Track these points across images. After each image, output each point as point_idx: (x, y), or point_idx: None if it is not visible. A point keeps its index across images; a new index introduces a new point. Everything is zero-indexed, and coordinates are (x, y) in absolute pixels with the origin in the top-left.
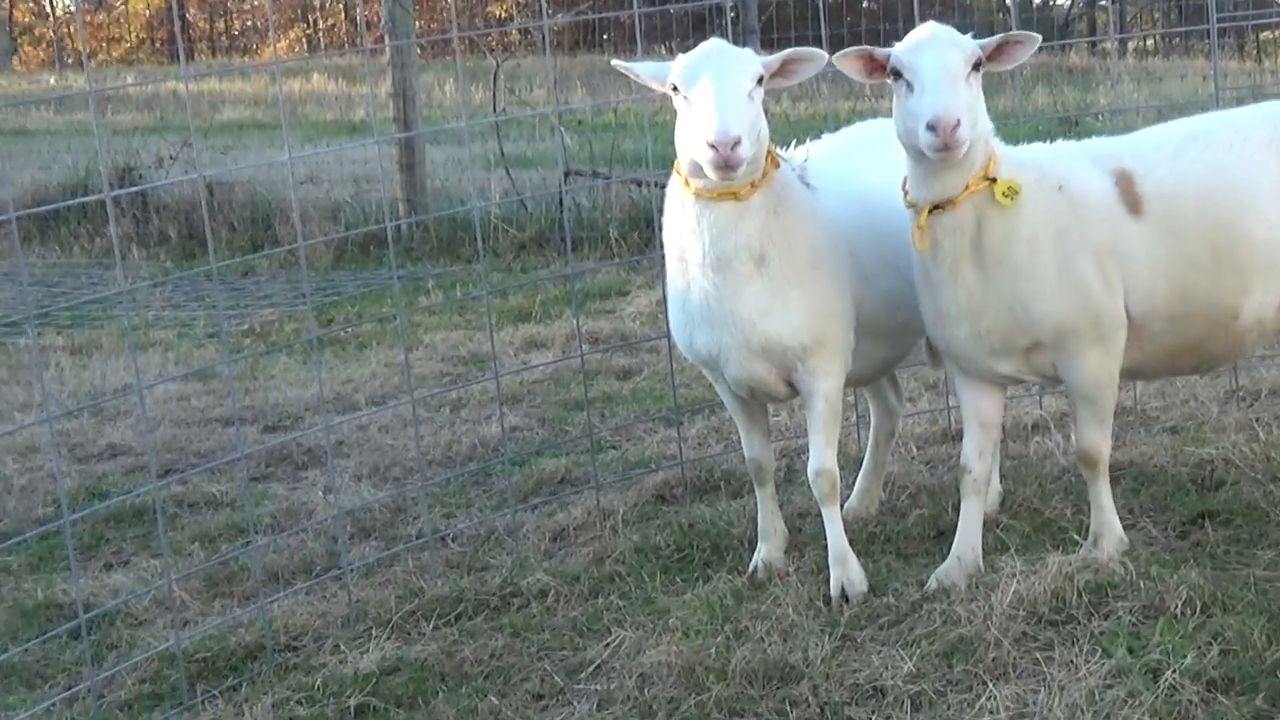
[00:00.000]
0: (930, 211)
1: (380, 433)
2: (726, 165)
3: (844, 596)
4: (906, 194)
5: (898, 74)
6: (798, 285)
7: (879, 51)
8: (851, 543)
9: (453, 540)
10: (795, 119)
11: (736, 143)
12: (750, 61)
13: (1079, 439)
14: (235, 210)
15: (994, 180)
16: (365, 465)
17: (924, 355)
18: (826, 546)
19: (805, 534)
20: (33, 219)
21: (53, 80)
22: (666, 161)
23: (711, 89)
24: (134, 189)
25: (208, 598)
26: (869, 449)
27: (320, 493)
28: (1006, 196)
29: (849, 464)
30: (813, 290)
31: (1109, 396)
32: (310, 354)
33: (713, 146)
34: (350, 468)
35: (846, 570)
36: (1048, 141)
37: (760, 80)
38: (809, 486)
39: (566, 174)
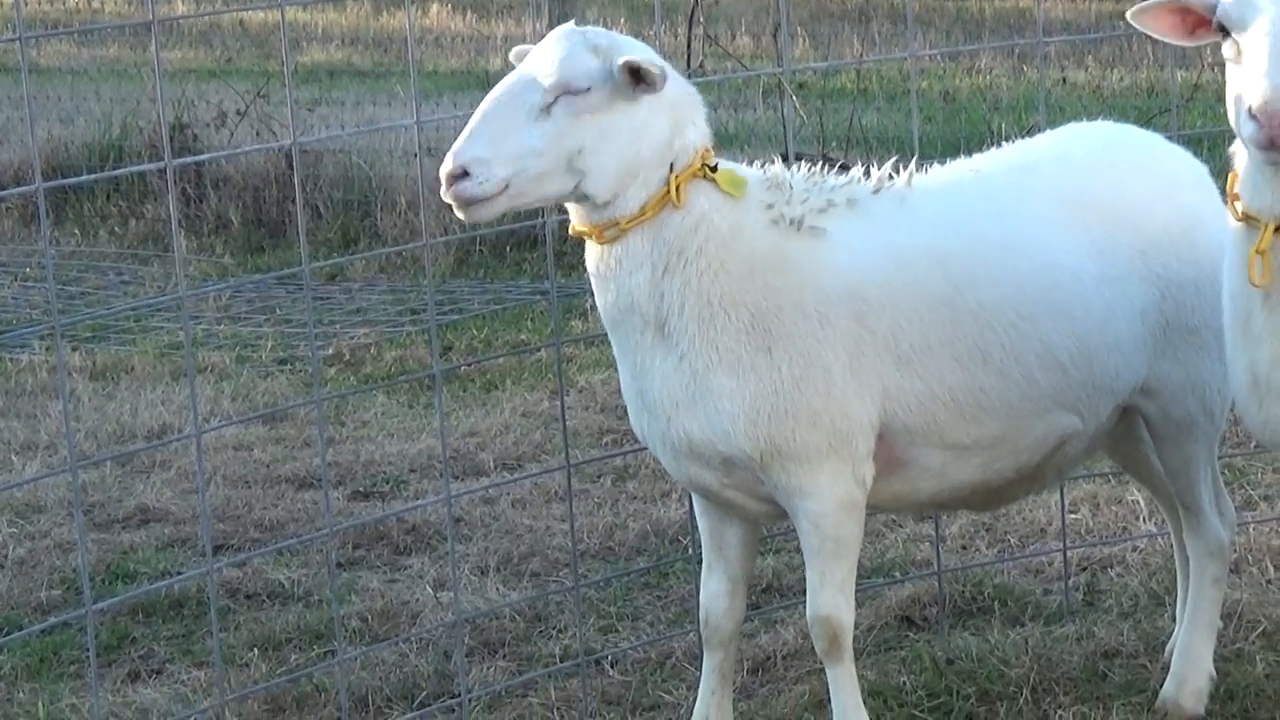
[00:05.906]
0: (1278, 230)
1: (515, 508)
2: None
3: None
4: (1239, 203)
5: (1225, 31)
6: (724, 370)
7: (1197, 1)
8: None
9: (613, 665)
10: (1110, 92)
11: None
12: None
13: None
14: (322, 190)
15: None
16: (493, 553)
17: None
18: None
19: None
20: (45, 192)
21: None
22: (937, 145)
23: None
24: (196, 158)
25: None
26: (1184, 605)
27: (430, 589)
28: None
29: None
30: (758, 378)
31: None
32: (421, 394)
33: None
34: (472, 556)
35: None
36: None
37: None
38: None
39: (784, 157)
